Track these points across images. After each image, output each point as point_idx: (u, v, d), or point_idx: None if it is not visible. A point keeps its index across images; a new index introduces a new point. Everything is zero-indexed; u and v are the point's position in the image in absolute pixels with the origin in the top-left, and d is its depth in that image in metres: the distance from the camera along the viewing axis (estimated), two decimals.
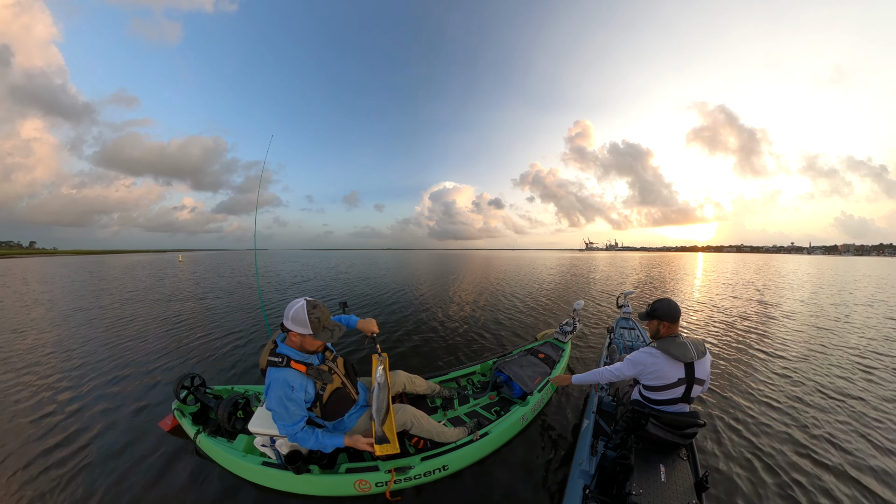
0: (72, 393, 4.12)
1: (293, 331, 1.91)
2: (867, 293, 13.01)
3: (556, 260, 47.64)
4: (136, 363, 5.13)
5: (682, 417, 2.19)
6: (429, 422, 2.52)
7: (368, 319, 2.54)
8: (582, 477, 2.18)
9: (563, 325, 4.77)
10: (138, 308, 9.48)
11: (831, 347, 5.89)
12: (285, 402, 1.88)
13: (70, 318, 8.19)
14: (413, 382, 3.02)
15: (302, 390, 1.94)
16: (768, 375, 4.60)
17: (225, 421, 2.69)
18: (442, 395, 3.29)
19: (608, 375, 2.53)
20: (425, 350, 5.67)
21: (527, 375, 3.48)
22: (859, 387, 4.22)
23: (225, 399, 2.82)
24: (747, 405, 3.74)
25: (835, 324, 7.67)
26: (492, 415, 3.17)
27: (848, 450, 2.97)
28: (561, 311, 8.96)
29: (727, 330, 7.07)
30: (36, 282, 17.25)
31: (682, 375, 2.21)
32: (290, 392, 1.89)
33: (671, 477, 2.05)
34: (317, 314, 1.91)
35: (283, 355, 1.94)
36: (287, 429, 1.96)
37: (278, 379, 1.89)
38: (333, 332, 2.00)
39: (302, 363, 1.97)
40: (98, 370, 4.85)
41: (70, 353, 5.57)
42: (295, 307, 1.90)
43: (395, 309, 9.19)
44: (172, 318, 8.15)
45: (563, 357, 4.05)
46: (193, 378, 3.29)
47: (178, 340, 6.31)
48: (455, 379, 3.76)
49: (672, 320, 2.30)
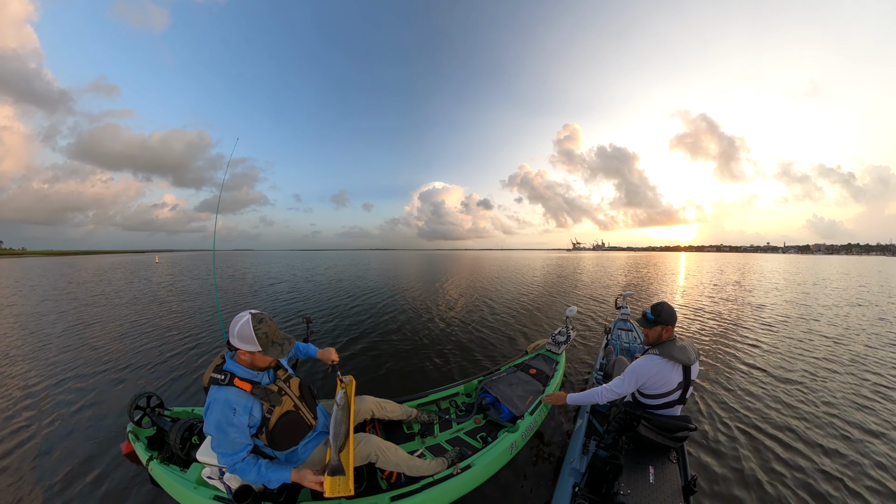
0: (15, 408, 3.73)
1: (240, 349, 1.69)
2: (868, 295, 12.59)
3: (545, 260, 47.99)
4: (88, 376, 4.69)
5: (673, 421, 2.22)
6: (397, 454, 2.19)
7: (327, 349, 2.43)
8: (572, 475, 2.19)
9: (556, 334, 4.40)
10: (101, 311, 8.91)
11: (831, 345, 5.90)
12: (225, 427, 1.62)
13: (24, 325, 7.60)
14: (383, 408, 2.65)
15: (246, 413, 1.67)
16: (765, 381, 4.54)
17: (177, 447, 2.38)
18: (420, 419, 2.91)
19: (607, 394, 2.40)
20: (400, 368, 4.94)
21: (516, 396, 3.13)
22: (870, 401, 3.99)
23: (179, 421, 2.50)
24: (742, 410, 3.66)
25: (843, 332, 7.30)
26: (477, 441, 2.82)
27: (844, 454, 2.90)
28: (552, 317, 8.58)
29: (720, 331, 7.06)
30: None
31: (681, 379, 2.21)
32: (231, 415, 1.63)
33: (659, 479, 2.08)
34: (264, 329, 1.69)
35: (228, 372, 1.70)
36: (227, 458, 1.67)
37: (219, 399, 1.64)
38: (283, 346, 1.77)
39: (247, 381, 1.72)
40: (52, 377, 4.44)
41: (13, 360, 5.10)
42: (240, 323, 1.67)
43: (364, 318, 8.25)
44: (134, 326, 7.62)
45: (558, 371, 3.70)
46: (150, 397, 2.93)
47: (135, 352, 5.80)
48: (436, 401, 3.31)
49: (674, 323, 2.29)
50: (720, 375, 4.65)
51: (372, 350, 5.78)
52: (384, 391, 3.22)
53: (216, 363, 1.79)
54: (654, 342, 2.33)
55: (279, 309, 9.85)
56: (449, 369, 4.96)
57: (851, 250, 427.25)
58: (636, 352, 4.32)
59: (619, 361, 3.27)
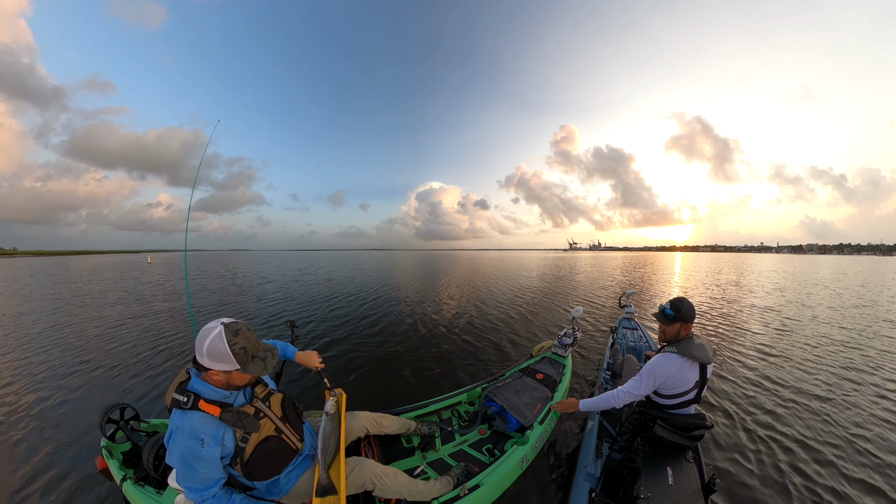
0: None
1: (212, 368, 1.38)
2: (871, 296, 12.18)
3: (542, 260, 47.93)
4: (61, 388, 4.39)
5: (689, 419, 2.18)
6: (397, 479, 1.90)
7: (309, 352, 2.08)
8: (587, 480, 2.10)
9: (562, 336, 4.13)
10: (82, 312, 8.58)
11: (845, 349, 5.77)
12: (191, 462, 1.32)
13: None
14: (379, 424, 2.33)
15: (217, 444, 1.37)
16: (777, 383, 4.36)
17: (150, 466, 2.11)
18: (420, 432, 2.60)
19: (624, 397, 2.24)
20: (394, 377, 4.55)
21: (524, 403, 2.86)
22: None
23: (153, 437, 2.22)
24: (754, 409, 3.54)
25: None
26: (483, 454, 2.56)
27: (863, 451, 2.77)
28: (556, 318, 8.31)
29: (729, 330, 6.90)
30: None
31: (697, 378, 2.15)
32: (198, 448, 1.33)
33: (679, 480, 2.02)
34: (241, 342, 1.39)
35: (191, 392, 1.38)
36: (195, 494, 1.38)
37: (183, 428, 1.34)
38: (266, 360, 1.48)
39: (216, 403, 1.40)
40: (26, 385, 4.14)
41: None
42: (209, 337, 1.34)
43: (357, 321, 7.86)
44: (112, 328, 7.30)
45: (565, 375, 3.44)
46: (123, 409, 2.59)
47: (110, 354, 5.45)
48: (437, 412, 3.01)
49: (693, 320, 2.22)
50: (729, 372, 4.52)
51: (361, 355, 5.42)
52: (377, 402, 3.00)
53: (179, 379, 1.49)
54: (671, 339, 2.24)
55: (261, 310, 9.49)
56: (451, 376, 4.64)
57: (843, 250, 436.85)
58: (643, 350, 4.21)
59: (628, 360, 3.20)
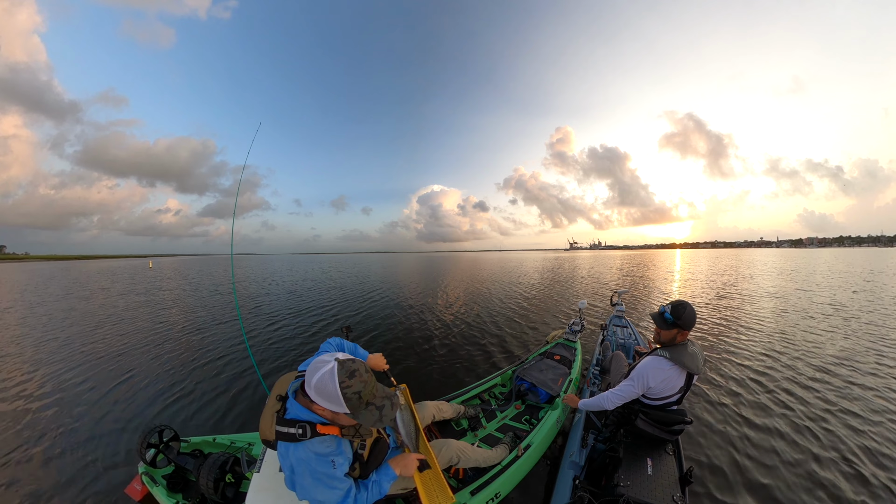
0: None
1: (318, 403, 1.32)
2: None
3: (543, 260, 48.01)
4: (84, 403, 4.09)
5: (670, 415, 2.26)
6: (474, 451, 2.27)
7: (377, 355, 2.14)
8: (572, 468, 2.25)
9: (572, 324, 4.92)
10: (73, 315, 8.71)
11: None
12: (327, 482, 1.34)
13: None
14: (441, 410, 2.73)
15: (346, 459, 1.42)
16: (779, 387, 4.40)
17: (210, 490, 2.04)
18: (468, 414, 3.04)
19: (616, 400, 2.33)
20: (434, 370, 5.15)
21: (549, 379, 3.46)
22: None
23: (209, 459, 2.15)
24: (738, 406, 3.76)
25: None
26: (524, 424, 3.08)
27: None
28: (561, 311, 9.23)
29: (733, 331, 6.89)
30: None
31: (683, 384, 2.17)
32: (331, 471, 1.34)
33: (657, 470, 2.13)
34: (356, 386, 1.28)
35: (303, 423, 1.34)
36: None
37: (307, 459, 1.32)
38: (383, 409, 1.35)
39: (333, 424, 1.41)
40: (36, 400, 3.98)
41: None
42: (321, 372, 1.28)
43: (385, 325, 8.10)
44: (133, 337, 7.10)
45: (577, 356, 4.09)
46: (162, 431, 2.41)
47: (137, 368, 5.22)
48: (477, 395, 3.54)
49: (691, 328, 2.15)
50: (714, 372, 4.76)
51: (405, 351, 6.08)
52: (426, 393, 3.34)
53: (273, 409, 1.41)
54: (665, 343, 2.23)
55: (307, 312, 9.55)
56: (484, 365, 5.34)
57: (843, 243, 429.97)
58: (631, 346, 4.44)
59: (617, 357, 3.43)
